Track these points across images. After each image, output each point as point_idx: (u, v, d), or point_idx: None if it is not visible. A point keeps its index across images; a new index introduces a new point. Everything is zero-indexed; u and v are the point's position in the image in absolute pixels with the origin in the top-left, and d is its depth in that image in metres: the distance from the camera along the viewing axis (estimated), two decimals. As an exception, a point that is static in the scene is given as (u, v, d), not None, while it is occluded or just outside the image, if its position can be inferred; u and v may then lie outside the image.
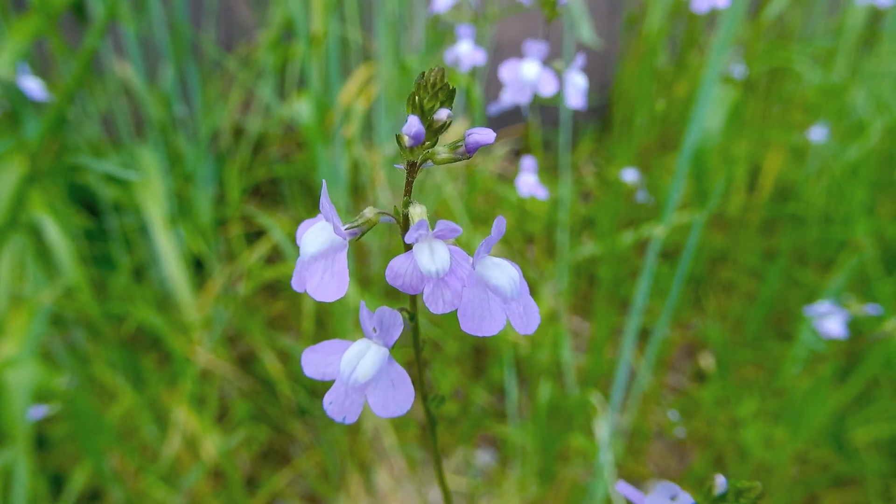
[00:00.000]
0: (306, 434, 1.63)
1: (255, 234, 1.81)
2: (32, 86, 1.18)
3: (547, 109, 2.24)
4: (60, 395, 1.17)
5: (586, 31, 1.40)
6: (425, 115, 0.41)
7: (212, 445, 1.39)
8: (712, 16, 2.17)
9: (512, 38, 2.13)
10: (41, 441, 1.48)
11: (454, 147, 0.43)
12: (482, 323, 0.42)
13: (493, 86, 1.24)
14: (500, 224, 0.42)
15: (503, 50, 2.06)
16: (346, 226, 0.44)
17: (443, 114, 0.41)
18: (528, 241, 1.98)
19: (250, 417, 1.61)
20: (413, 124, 0.40)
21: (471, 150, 0.42)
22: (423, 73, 0.41)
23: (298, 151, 2.11)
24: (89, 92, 1.68)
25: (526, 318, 0.44)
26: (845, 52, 1.97)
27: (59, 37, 1.35)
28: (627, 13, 2.35)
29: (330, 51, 1.48)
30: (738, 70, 1.88)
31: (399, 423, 1.60)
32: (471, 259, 0.43)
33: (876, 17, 2.06)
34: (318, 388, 1.62)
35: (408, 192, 0.43)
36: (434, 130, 0.42)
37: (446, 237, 0.41)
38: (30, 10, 1.23)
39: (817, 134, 1.76)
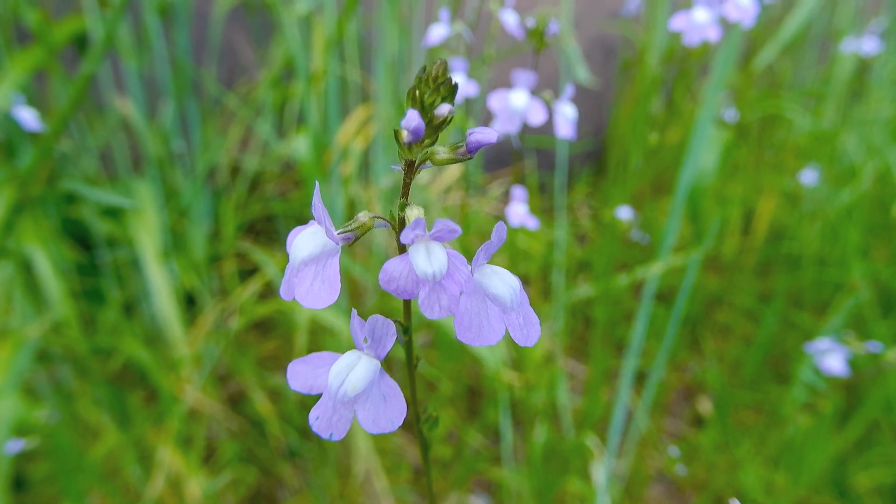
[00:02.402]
0: (296, 477, 1.58)
1: (248, 272, 1.80)
2: (27, 116, 1.19)
3: (543, 153, 2.27)
4: (40, 429, 1.14)
5: (582, 72, 1.43)
6: (425, 111, 0.39)
7: (197, 487, 1.35)
8: (705, 63, 2.22)
9: (508, 77, 2.17)
10: (20, 482, 1.43)
11: (455, 147, 0.41)
12: (480, 332, 0.40)
13: (487, 124, 1.25)
14: (500, 230, 0.40)
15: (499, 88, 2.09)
16: (340, 230, 0.42)
17: (444, 109, 0.39)
18: (524, 282, 1.97)
19: (238, 459, 1.56)
20: (412, 118, 0.38)
21: (472, 151, 0.40)
22: (425, 66, 0.39)
23: (295, 189, 2.11)
24: (88, 126, 1.69)
25: (526, 329, 0.43)
26: (835, 100, 2.01)
27: (59, 69, 1.36)
28: (622, 59, 2.41)
29: (329, 90, 1.50)
30: (730, 114, 1.91)
31: (391, 466, 1.55)
32: (469, 265, 0.41)
33: (863, 66, 2.12)
34: (309, 430, 1.58)
35: (405, 193, 0.41)
36: (434, 127, 0.40)
37: (444, 238, 0.39)
38: (31, 43, 1.24)
39: (809, 177, 1.78)
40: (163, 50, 1.68)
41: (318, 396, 0.44)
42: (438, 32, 1.06)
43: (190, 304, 1.70)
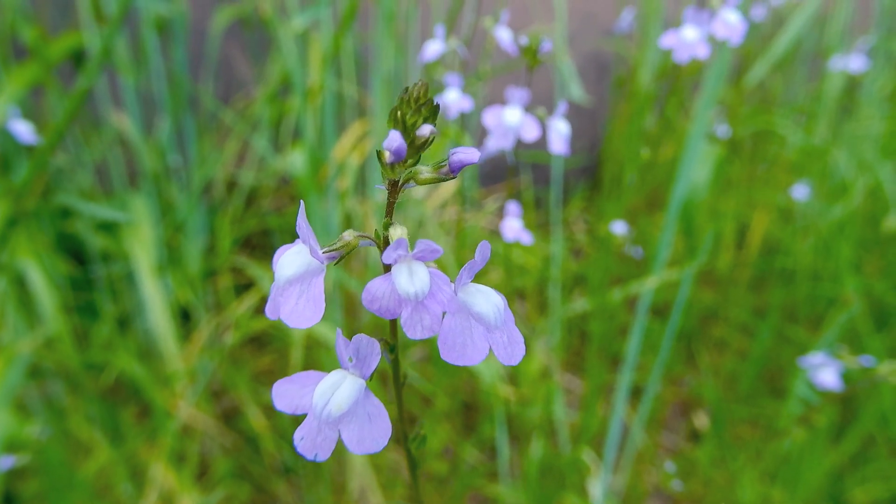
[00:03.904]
0: (290, 494, 1.56)
1: (244, 286, 1.79)
2: (22, 129, 1.19)
3: (538, 168, 2.28)
4: (31, 444, 1.12)
5: (576, 89, 1.44)
6: (408, 131, 0.40)
7: (190, 504, 1.33)
8: (697, 80, 2.25)
9: (503, 93, 2.19)
10: (9, 499, 1.41)
11: (438, 166, 0.41)
12: (464, 352, 0.40)
13: (482, 140, 1.26)
14: (483, 249, 0.40)
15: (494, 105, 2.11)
16: (324, 249, 0.42)
17: (426, 129, 0.39)
18: (520, 297, 1.97)
19: (232, 475, 1.55)
20: (394, 139, 0.38)
21: (455, 170, 0.41)
22: (407, 87, 0.40)
23: (291, 204, 2.11)
24: (84, 140, 1.69)
25: (510, 348, 0.42)
26: (825, 116, 2.03)
27: (56, 84, 1.36)
28: (615, 76, 2.43)
29: (326, 105, 1.51)
30: (722, 130, 1.93)
31: (386, 483, 1.54)
32: (452, 284, 0.41)
33: (853, 83, 2.15)
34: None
35: (389, 213, 0.41)
36: (416, 147, 0.40)
37: (426, 258, 0.39)
38: (28, 59, 1.25)
39: (801, 192, 1.80)
40: (160, 65, 1.69)
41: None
42: (434, 49, 1.07)
43: (185, 318, 1.69)
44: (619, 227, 1.64)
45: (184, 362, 1.45)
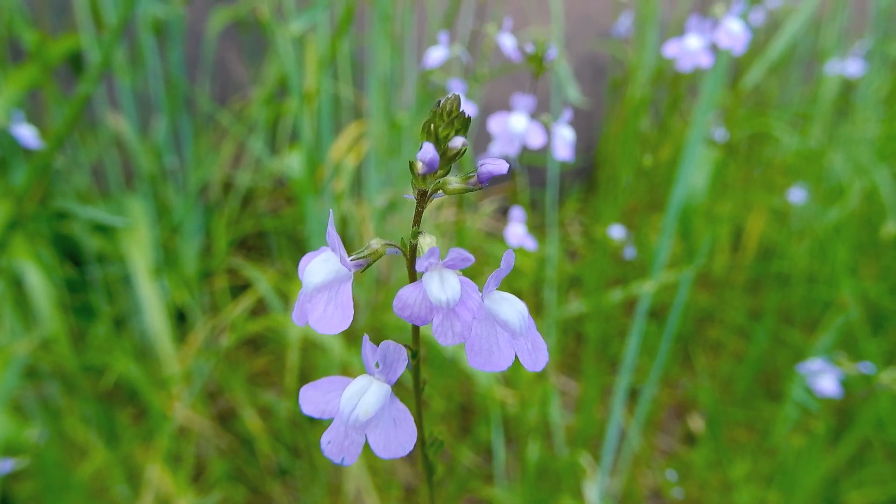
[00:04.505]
0: (286, 495, 1.56)
1: (240, 288, 1.79)
2: (26, 133, 1.19)
3: (534, 170, 2.29)
4: (29, 448, 1.12)
5: (573, 92, 1.45)
6: (440, 143, 0.41)
7: (186, 506, 1.33)
8: (693, 82, 2.25)
9: (502, 98, 2.19)
10: (5, 500, 1.40)
11: (466, 177, 0.42)
12: (490, 357, 0.41)
13: (483, 145, 1.26)
14: (509, 258, 0.41)
15: (493, 109, 2.11)
16: (352, 257, 0.43)
17: (458, 142, 0.40)
18: (516, 299, 1.97)
19: (228, 477, 1.55)
20: (428, 151, 0.39)
21: (483, 181, 0.41)
22: (439, 100, 0.41)
23: (287, 206, 2.11)
24: (81, 142, 1.68)
25: (534, 354, 0.43)
26: (821, 119, 2.04)
27: (54, 87, 1.36)
28: (611, 78, 2.43)
29: (322, 107, 1.51)
30: (720, 133, 1.94)
31: (382, 485, 1.54)
32: (480, 291, 0.42)
33: (849, 86, 2.16)
34: (299, 447, 1.57)
35: (417, 221, 0.42)
36: (448, 158, 0.41)
37: (457, 266, 0.40)
38: (27, 61, 1.24)
39: (797, 195, 1.80)
40: (156, 67, 1.69)
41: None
42: (437, 55, 1.07)
43: (181, 320, 1.69)
44: (615, 231, 1.64)
45: (180, 364, 1.45)
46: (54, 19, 1.80)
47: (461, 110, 0.41)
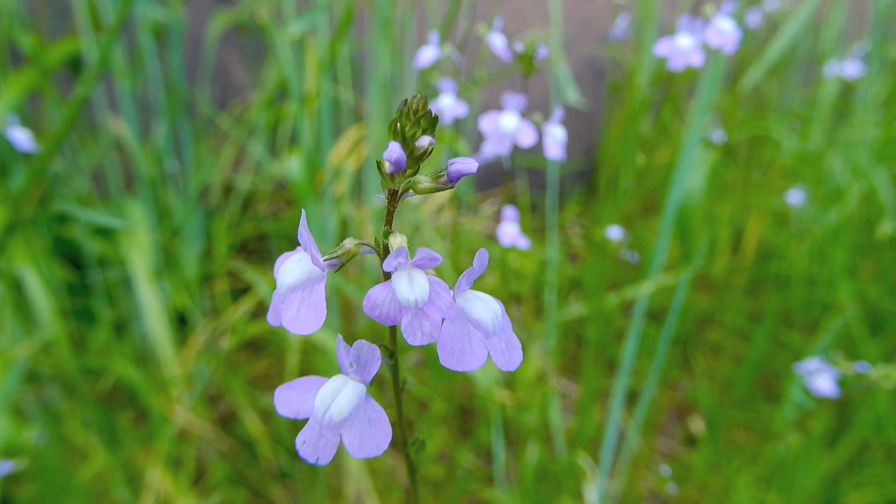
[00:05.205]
0: (286, 498, 1.56)
1: (240, 291, 1.79)
2: (20, 136, 1.19)
3: (534, 172, 2.29)
4: (29, 450, 1.12)
5: (571, 94, 1.45)
6: (407, 142, 0.40)
7: (186, 509, 1.33)
8: (692, 85, 2.26)
9: (499, 99, 2.20)
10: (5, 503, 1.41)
11: (436, 176, 0.42)
12: (462, 358, 0.41)
13: (478, 144, 1.26)
14: (482, 257, 0.41)
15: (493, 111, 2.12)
16: (325, 257, 0.43)
17: (424, 141, 0.40)
18: (516, 301, 1.98)
19: (228, 480, 1.55)
20: (394, 150, 0.39)
21: (453, 180, 0.42)
22: (406, 99, 0.41)
23: (287, 209, 2.12)
24: (81, 146, 1.69)
25: (508, 354, 0.43)
26: (820, 122, 2.04)
27: (53, 91, 1.37)
28: (611, 81, 2.44)
29: (322, 111, 1.51)
30: (718, 135, 1.94)
31: (383, 487, 1.54)
32: (451, 291, 0.41)
33: (848, 88, 2.16)
34: (299, 450, 1.57)
35: (388, 221, 0.42)
36: (416, 158, 0.41)
37: (426, 266, 0.40)
38: (25, 65, 1.25)
39: (796, 198, 1.81)
40: (156, 70, 1.69)
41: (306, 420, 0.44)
42: (428, 55, 1.08)
43: (181, 323, 1.69)
44: (614, 233, 1.64)
45: (180, 367, 1.45)
46: (54, 23, 1.80)
47: (428, 109, 0.40)
